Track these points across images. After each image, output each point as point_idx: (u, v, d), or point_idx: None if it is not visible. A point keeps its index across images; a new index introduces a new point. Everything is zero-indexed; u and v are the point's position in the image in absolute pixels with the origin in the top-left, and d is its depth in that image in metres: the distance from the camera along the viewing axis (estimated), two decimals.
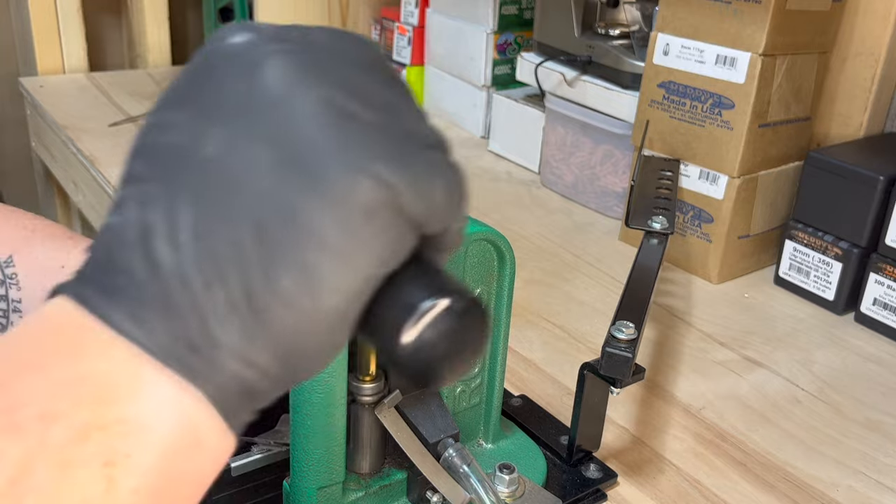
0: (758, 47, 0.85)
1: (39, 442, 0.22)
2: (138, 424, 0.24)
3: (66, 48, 1.55)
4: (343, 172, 0.25)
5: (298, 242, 0.24)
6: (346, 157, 0.25)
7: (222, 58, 0.27)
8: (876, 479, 0.64)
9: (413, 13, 1.43)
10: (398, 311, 0.26)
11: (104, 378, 0.24)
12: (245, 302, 0.24)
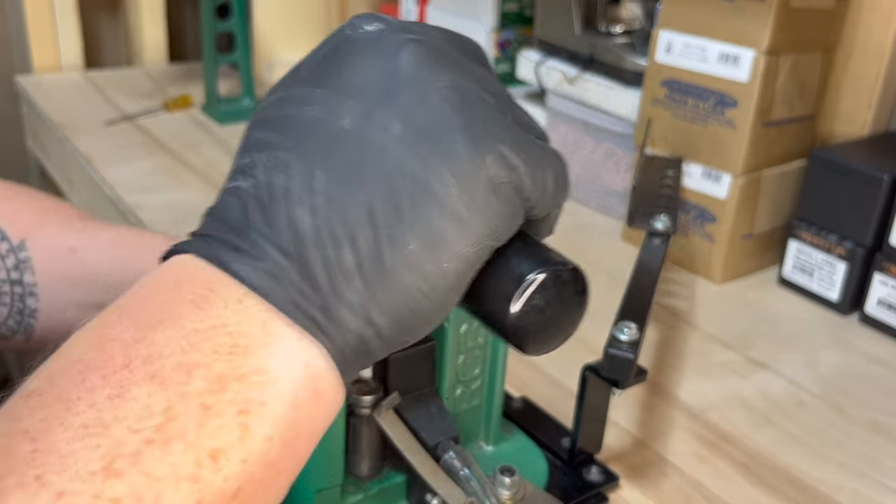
0: (761, 45, 0.84)
1: (180, 391, 0.24)
2: (271, 375, 0.25)
3: (62, 46, 1.54)
4: (472, 149, 0.27)
5: (427, 210, 0.26)
6: (474, 135, 0.27)
7: (358, 43, 0.29)
8: (881, 482, 0.63)
9: (412, 10, 1.42)
10: (507, 282, 0.28)
11: (238, 331, 0.25)
12: (372, 264, 0.26)
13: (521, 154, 0.28)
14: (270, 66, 1.56)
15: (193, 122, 1.33)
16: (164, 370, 0.24)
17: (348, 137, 0.27)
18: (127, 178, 1.08)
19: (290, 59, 1.58)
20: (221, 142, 1.25)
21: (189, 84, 1.49)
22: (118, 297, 0.28)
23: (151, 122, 1.31)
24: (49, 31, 1.52)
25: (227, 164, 1.17)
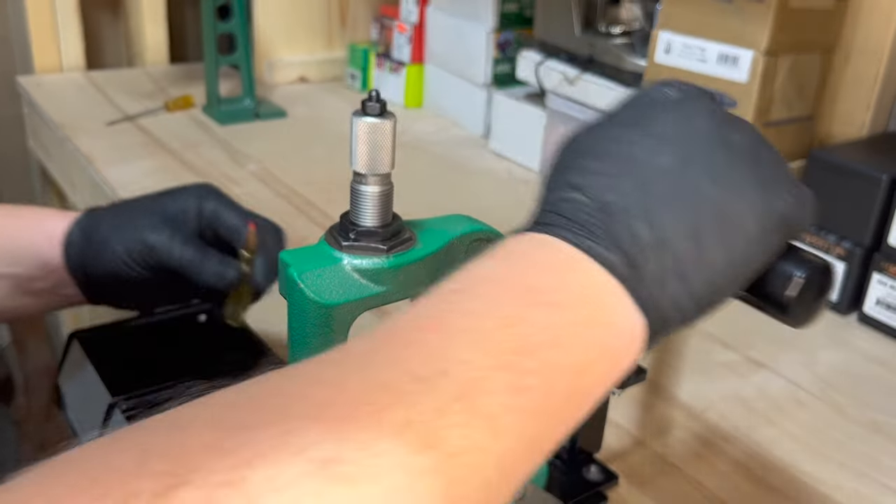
0: (760, 45, 0.84)
1: (578, 371, 0.32)
2: (630, 358, 0.34)
3: (64, 46, 1.54)
4: (764, 195, 0.36)
5: (733, 239, 0.35)
6: (766, 184, 0.37)
7: (666, 104, 0.38)
8: (880, 481, 0.63)
9: (413, 11, 1.42)
10: (782, 277, 0.40)
11: (614, 323, 0.33)
12: (686, 267, 0.34)
13: (794, 195, 0.38)
14: (271, 67, 1.56)
15: (194, 123, 1.33)
16: (537, 354, 0.31)
17: (668, 173, 0.35)
18: (128, 178, 1.08)
19: (290, 60, 1.58)
20: (222, 142, 1.25)
21: (190, 85, 1.49)
22: None
23: (152, 122, 1.31)
24: (50, 32, 1.52)
25: (227, 165, 1.18)
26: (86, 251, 0.60)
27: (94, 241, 0.60)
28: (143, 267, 0.59)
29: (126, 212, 0.61)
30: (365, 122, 0.42)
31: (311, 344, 0.43)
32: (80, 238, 0.61)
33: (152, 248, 0.58)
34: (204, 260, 0.59)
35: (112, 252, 0.59)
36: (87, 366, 0.64)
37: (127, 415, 0.59)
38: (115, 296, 0.65)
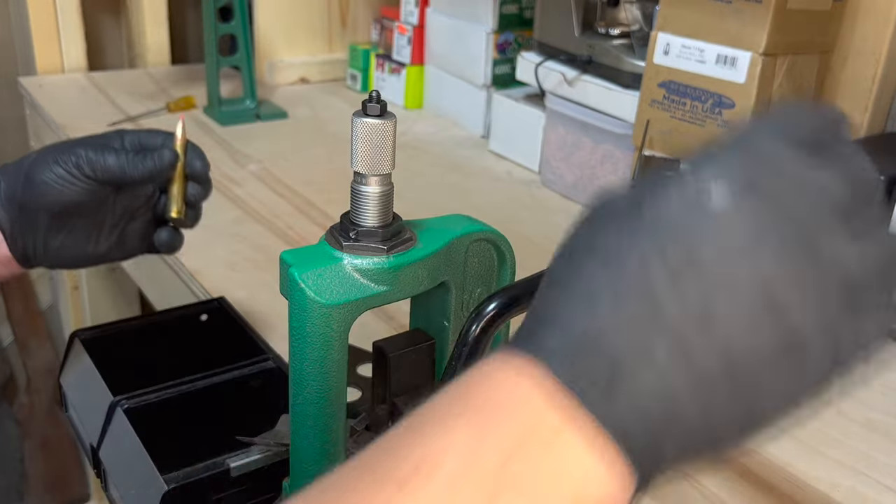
0: (758, 47, 0.85)
1: None
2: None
3: (66, 48, 1.54)
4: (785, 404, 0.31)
5: (753, 392, 0.29)
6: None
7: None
8: (877, 480, 0.64)
9: (413, 12, 1.43)
10: None
11: (584, 474, 0.27)
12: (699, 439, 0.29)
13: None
14: (272, 68, 1.56)
15: (195, 124, 1.33)
16: None
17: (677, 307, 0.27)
18: None
19: (291, 61, 1.58)
20: (223, 143, 1.25)
21: (191, 86, 1.50)
22: None
23: (154, 123, 1.31)
24: (52, 34, 1.53)
25: (228, 165, 1.18)
26: (13, 188, 0.58)
27: (22, 173, 0.58)
28: (81, 179, 0.58)
29: (45, 150, 0.59)
30: (365, 123, 0.42)
31: (311, 344, 0.43)
32: (4, 179, 0.59)
33: (88, 159, 0.57)
34: (140, 155, 0.59)
35: (47, 174, 0.57)
36: (89, 365, 0.64)
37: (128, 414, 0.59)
38: (51, 243, 0.61)
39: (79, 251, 0.61)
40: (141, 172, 0.59)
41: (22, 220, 0.58)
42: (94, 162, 0.57)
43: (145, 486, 0.54)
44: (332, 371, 0.44)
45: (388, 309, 0.81)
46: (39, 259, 0.61)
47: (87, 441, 0.63)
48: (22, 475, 1.76)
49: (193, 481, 0.54)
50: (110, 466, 0.60)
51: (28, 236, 0.59)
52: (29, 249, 0.60)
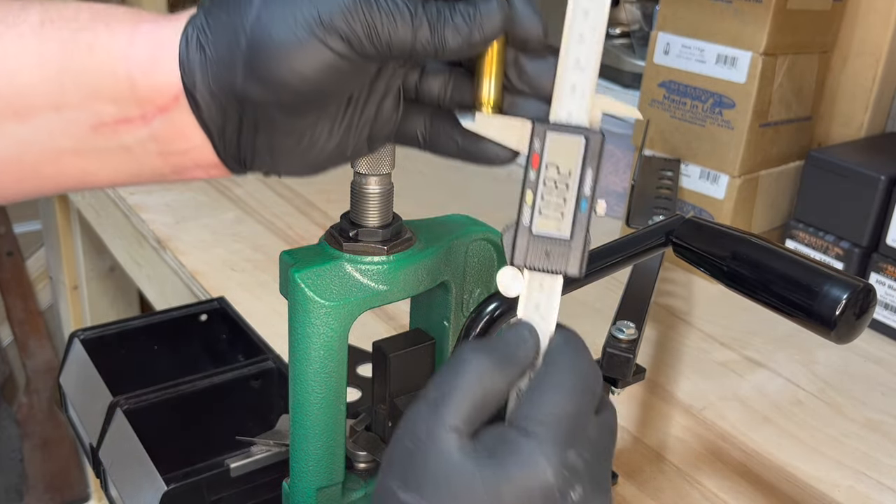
0: (758, 47, 0.85)
1: None
2: None
3: None
4: None
5: None
6: None
7: None
8: (877, 480, 0.64)
9: None
10: (828, 297, 0.42)
11: None
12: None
13: None
14: None
15: None
16: None
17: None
18: None
19: None
20: None
21: None
22: None
23: None
24: None
25: None
26: (230, 71, 0.34)
27: (240, 49, 0.34)
28: (347, 58, 0.34)
29: (272, 6, 0.34)
30: None
31: (311, 344, 0.43)
32: (213, 32, 0.35)
33: (362, 26, 0.33)
34: (433, 5, 0.35)
35: (290, 60, 0.34)
36: (89, 365, 0.64)
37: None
38: (278, 143, 0.37)
39: (311, 151, 0.38)
40: (451, 45, 0.34)
41: (240, 115, 0.36)
42: (371, 29, 0.33)
43: (145, 486, 0.54)
44: (332, 371, 0.44)
45: (388, 309, 0.81)
46: (258, 164, 0.38)
47: (87, 441, 0.63)
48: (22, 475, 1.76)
49: (193, 481, 0.54)
50: (110, 466, 0.60)
51: (247, 136, 0.37)
52: (246, 152, 0.37)
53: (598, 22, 0.34)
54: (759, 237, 0.47)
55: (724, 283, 0.47)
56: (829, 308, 0.41)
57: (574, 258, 0.34)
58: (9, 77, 0.35)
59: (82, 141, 0.36)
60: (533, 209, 0.34)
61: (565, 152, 0.34)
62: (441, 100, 0.40)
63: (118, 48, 0.35)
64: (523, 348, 0.34)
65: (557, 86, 0.34)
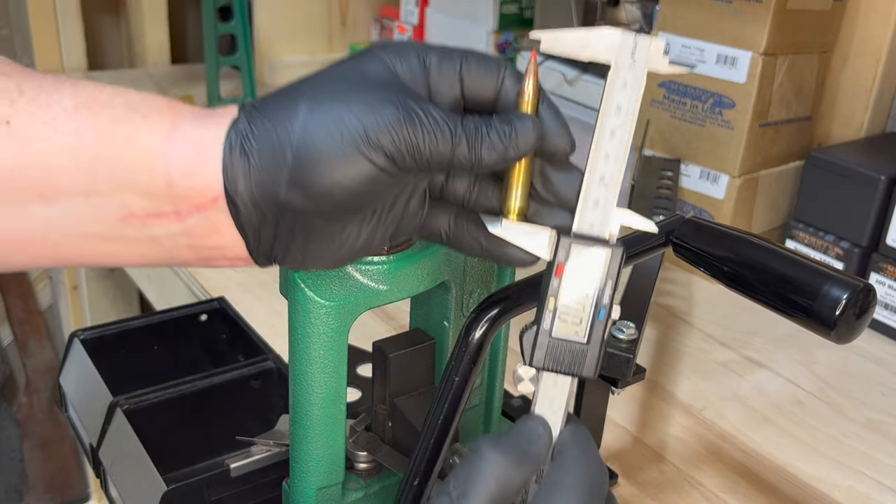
0: (758, 47, 0.85)
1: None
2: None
3: (65, 47, 1.54)
4: None
5: None
6: None
7: None
8: (877, 480, 0.64)
9: (413, 12, 1.42)
10: (828, 297, 0.41)
11: None
12: None
13: None
14: (272, 68, 1.56)
15: None
16: None
17: None
18: None
19: (291, 61, 1.58)
20: None
21: (191, 85, 1.49)
22: None
23: None
24: (52, 33, 1.52)
25: None
26: (273, 181, 0.35)
27: (286, 160, 0.35)
28: (389, 172, 0.35)
29: (317, 119, 0.35)
30: None
31: (311, 344, 0.43)
32: (257, 141, 0.35)
33: (404, 142, 0.35)
34: (471, 122, 0.36)
35: (336, 171, 0.34)
36: (89, 365, 0.64)
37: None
38: (312, 245, 0.38)
39: (341, 249, 0.38)
40: (487, 161, 0.36)
41: (278, 221, 0.36)
42: (414, 147, 0.35)
43: (145, 486, 0.54)
44: (332, 371, 0.44)
45: (388, 309, 0.81)
46: (288, 262, 0.39)
47: (87, 441, 0.63)
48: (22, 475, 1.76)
49: (193, 481, 0.54)
50: (110, 466, 0.60)
51: (282, 239, 0.37)
52: (278, 252, 0.38)
53: (623, 141, 0.36)
54: (759, 237, 0.47)
55: (724, 283, 0.47)
56: (829, 308, 0.41)
57: (590, 362, 0.37)
58: (39, 160, 0.34)
59: (110, 228, 0.36)
60: (554, 315, 0.37)
61: (587, 264, 0.37)
62: (466, 201, 0.41)
63: (156, 145, 0.35)
64: (538, 444, 0.36)
65: (582, 198, 0.37)
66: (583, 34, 0.36)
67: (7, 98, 0.34)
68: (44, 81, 0.36)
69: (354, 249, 0.39)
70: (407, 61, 0.37)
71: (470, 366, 0.42)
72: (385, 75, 0.37)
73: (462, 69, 0.38)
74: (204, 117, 0.36)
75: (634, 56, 0.36)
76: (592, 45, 0.36)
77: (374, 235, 0.39)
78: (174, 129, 0.35)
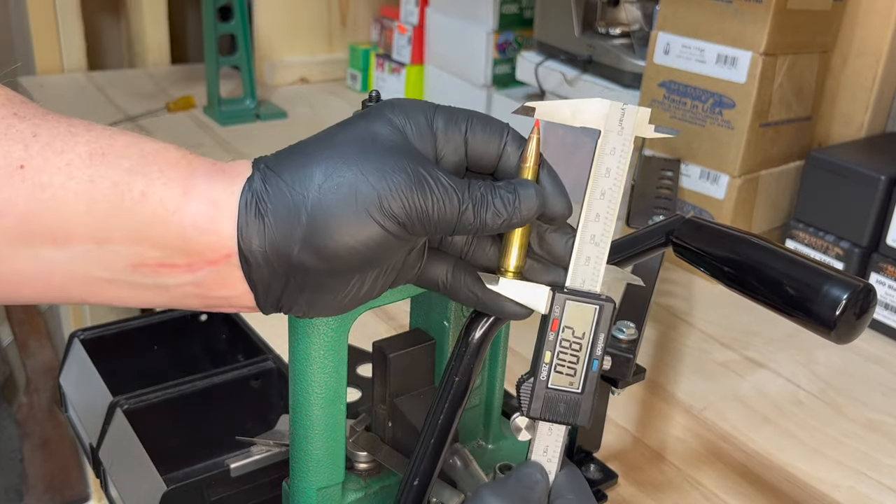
0: (759, 47, 0.85)
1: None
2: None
3: (65, 47, 1.54)
4: None
5: None
6: None
7: None
8: (877, 480, 0.64)
9: (413, 12, 1.42)
10: (828, 298, 0.41)
11: None
12: None
13: None
14: (271, 68, 1.56)
15: (195, 123, 1.33)
16: None
17: None
18: None
19: (291, 61, 1.58)
20: (223, 143, 1.25)
21: (191, 85, 1.49)
22: None
23: (153, 123, 1.31)
24: (52, 33, 1.53)
25: None
26: (287, 242, 0.36)
27: (300, 222, 0.36)
28: (397, 237, 0.36)
29: (326, 150, 0.38)
30: None
31: (311, 344, 0.43)
32: (272, 202, 0.36)
33: (414, 209, 0.36)
34: (478, 189, 0.37)
35: (346, 237, 0.36)
36: (89, 365, 0.64)
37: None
38: (318, 299, 0.39)
39: (345, 301, 0.39)
40: (490, 226, 0.37)
41: (288, 277, 0.37)
42: (423, 213, 0.36)
43: (145, 486, 0.54)
44: (332, 371, 0.44)
45: (388, 309, 0.81)
46: (294, 311, 0.40)
47: (87, 441, 0.63)
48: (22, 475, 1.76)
49: (193, 481, 0.54)
50: (110, 466, 0.60)
51: (290, 293, 0.38)
52: (285, 304, 0.39)
53: (612, 202, 0.39)
54: (760, 237, 0.47)
55: (724, 283, 0.47)
56: (829, 308, 0.41)
57: (584, 411, 0.39)
58: (52, 206, 0.34)
59: (119, 274, 0.36)
60: (550, 367, 0.39)
61: (580, 318, 0.39)
62: (464, 253, 0.42)
63: (172, 200, 0.35)
64: (536, 490, 0.39)
65: (574, 256, 0.39)
66: (574, 104, 0.39)
67: (21, 142, 0.34)
68: (58, 124, 0.35)
69: (357, 299, 0.40)
70: (416, 124, 0.38)
71: (470, 366, 0.42)
72: (395, 139, 0.38)
73: (468, 133, 0.39)
74: (217, 172, 0.37)
75: (622, 123, 0.38)
76: (583, 113, 0.39)
77: (376, 285, 0.40)
78: (189, 185, 0.36)
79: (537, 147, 0.39)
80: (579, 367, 0.39)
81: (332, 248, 0.36)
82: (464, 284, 0.41)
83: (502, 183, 0.38)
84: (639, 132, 0.38)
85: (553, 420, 0.39)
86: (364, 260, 0.36)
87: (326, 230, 0.35)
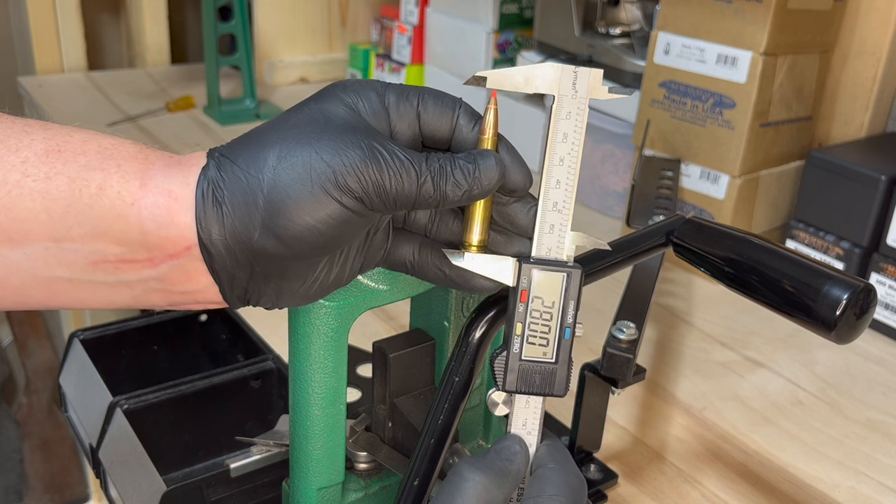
0: (759, 46, 0.85)
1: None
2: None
3: (65, 47, 1.54)
4: None
5: None
6: None
7: None
8: (877, 480, 0.64)
9: (413, 12, 1.42)
10: (828, 298, 0.42)
11: None
12: None
13: None
14: (271, 68, 1.56)
15: (195, 123, 1.33)
16: None
17: None
18: None
19: (291, 61, 1.58)
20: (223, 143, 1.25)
21: (191, 85, 1.49)
22: None
23: (153, 123, 1.31)
24: (52, 33, 1.52)
25: None
26: (246, 228, 0.35)
27: (259, 207, 0.35)
28: (358, 214, 0.36)
29: (278, 132, 0.37)
30: None
31: (311, 344, 0.43)
32: (228, 188, 0.36)
33: (371, 183, 0.35)
34: (436, 161, 0.37)
35: (306, 216, 0.35)
36: (89, 365, 0.64)
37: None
38: (286, 286, 0.38)
39: (312, 287, 0.39)
40: (451, 199, 0.37)
41: (252, 265, 0.37)
42: (380, 187, 0.36)
43: (145, 486, 0.54)
44: (332, 371, 0.44)
45: (388, 309, 0.81)
46: (263, 302, 0.39)
47: (87, 441, 0.63)
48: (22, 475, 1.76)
49: (193, 481, 0.54)
50: (110, 467, 0.60)
51: (256, 282, 0.38)
52: (252, 295, 0.38)
53: (572, 168, 0.38)
54: (760, 237, 0.47)
55: (724, 283, 0.47)
56: (829, 308, 0.41)
57: (559, 381, 0.39)
58: (7, 204, 0.33)
59: (80, 272, 0.35)
60: (522, 338, 0.39)
61: (549, 287, 0.39)
62: (428, 231, 0.42)
63: (129, 193, 0.35)
64: (516, 462, 0.38)
65: (538, 225, 0.39)
66: (526, 70, 0.38)
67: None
68: (13, 124, 0.35)
69: (326, 285, 0.39)
70: (368, 101, 0.38)
71: (470, 366, 0.42)
72: (349, 117, 0.37)
73: (419, 107, 0.39)
74: (174, 164, 0.36)
75: (576, 86, 0.38)
76: (536, 79, 0.39)
77: (344, 270, 0.40)
78: (146, 177, 0.35)
79: (495, 117, 0.39)
80: (551, 337, 0.39)
81: (291, 230, 0.35)
82: (431, 263, 0.41)
83: (462, 154, 0.38)
84: (593, 94, 0.38)
85: (529, 392, 0.39)
86: (326, 239, 0.36)
87: (284, 211, 0.35)
